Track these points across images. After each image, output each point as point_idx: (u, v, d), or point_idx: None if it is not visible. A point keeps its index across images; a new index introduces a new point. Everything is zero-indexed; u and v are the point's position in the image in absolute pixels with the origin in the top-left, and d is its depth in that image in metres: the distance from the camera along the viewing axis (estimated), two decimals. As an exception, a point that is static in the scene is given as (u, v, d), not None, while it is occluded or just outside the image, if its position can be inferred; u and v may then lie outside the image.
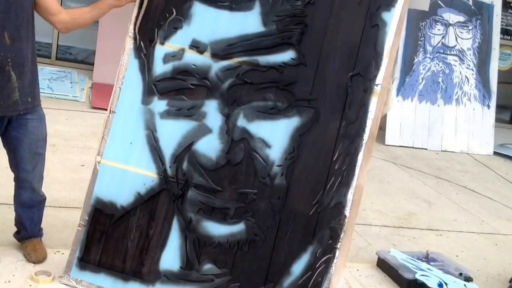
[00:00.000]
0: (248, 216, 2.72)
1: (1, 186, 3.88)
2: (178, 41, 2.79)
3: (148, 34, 2.83)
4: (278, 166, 2.70)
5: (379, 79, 2.65)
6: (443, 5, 7.79)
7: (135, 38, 2.83)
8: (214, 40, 2.76)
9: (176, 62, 2.81)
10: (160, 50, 2.82)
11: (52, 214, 3.67)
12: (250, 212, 2.72)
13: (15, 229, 3.14)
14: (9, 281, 2.81)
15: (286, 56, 2.71)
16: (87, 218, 2.83)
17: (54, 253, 3.14)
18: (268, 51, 2.71)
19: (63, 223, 3.56)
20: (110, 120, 2.84)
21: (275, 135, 2.71)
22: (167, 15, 2.81)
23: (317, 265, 2.70)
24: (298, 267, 2.71)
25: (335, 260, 2.68)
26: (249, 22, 2.72)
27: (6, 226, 3.37)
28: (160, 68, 2.82)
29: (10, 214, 3.51)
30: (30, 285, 2.82)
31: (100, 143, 2.85)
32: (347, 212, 2.67)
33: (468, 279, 3.56)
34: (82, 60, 8.38)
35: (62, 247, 3.16)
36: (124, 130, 2.82)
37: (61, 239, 3.32)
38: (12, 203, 3.04)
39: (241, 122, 2.72)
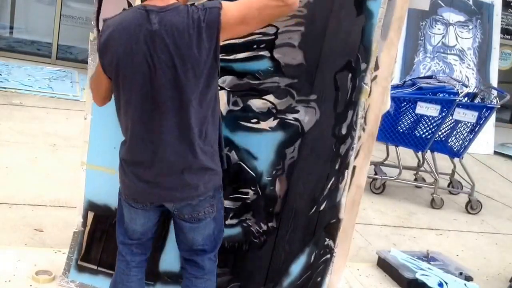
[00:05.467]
0: (248, 215, 2.72)
1: (1, 186, 3.89)
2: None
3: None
4: (276, 165, 2.69)
5: (375, 77, 2.62)
6: (443, 4, 7.79)
7: None
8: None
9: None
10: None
11: (53, 214, 3.68)
12: (250, 212, 2.72)
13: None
14: (9, 281, 2.81)
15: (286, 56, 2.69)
16: (82, 220, 2.83)
17: (55, 252, 3.15)
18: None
19: (64, 222, 3.56)
20: (88, 123, 2.75)
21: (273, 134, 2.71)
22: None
23: (317, 265, 2.70)
24: (298, 266, 2.70)
25: (334, 260, 2.68)
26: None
27: (6, 226, 3.38)
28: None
29: (10, 214, 3.51)
30: (31, 285, 2.82)
31: (82, 147, 2.79)
32: (346, 211, 2.67)
33: (468, 278, 3.56)
34: (83, 59, 8.36)
35: (63, 247, 3.16)
36: (107, 134, 2.69)
37: (62, 239, 3.32)
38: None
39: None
